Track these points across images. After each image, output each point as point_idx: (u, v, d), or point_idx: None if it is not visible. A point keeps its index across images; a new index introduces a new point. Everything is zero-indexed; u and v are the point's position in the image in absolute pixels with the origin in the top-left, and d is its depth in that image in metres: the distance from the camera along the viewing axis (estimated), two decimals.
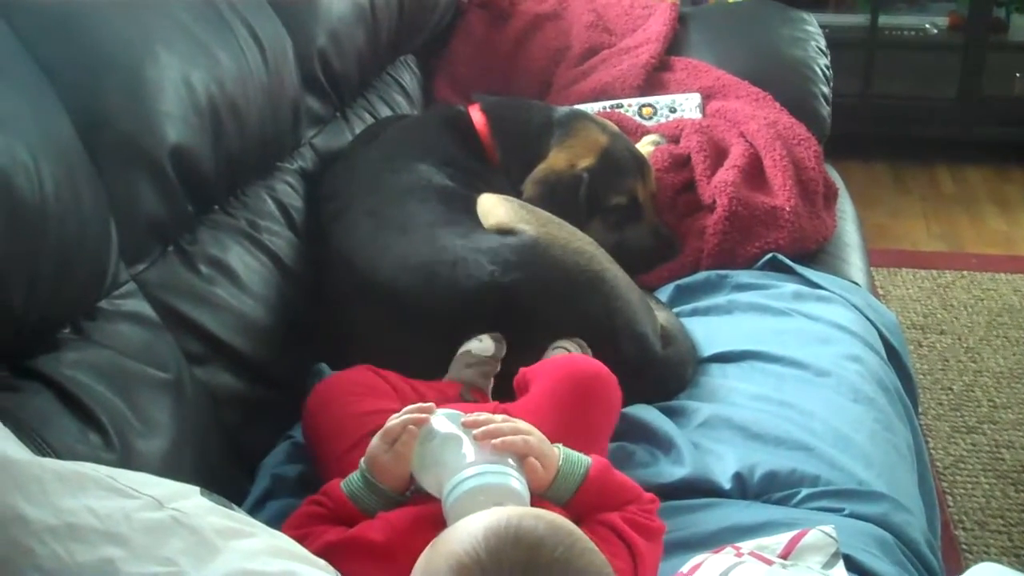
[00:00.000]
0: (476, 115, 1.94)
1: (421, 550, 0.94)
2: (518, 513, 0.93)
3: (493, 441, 1.10)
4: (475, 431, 1.11)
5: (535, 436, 1.13)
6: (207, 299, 1.48)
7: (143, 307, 1.38)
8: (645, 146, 2.05)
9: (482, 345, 1.47)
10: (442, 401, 1.30)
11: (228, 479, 1.36)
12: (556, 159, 1.87)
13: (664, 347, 1.57)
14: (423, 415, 1.14)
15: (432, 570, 0.90)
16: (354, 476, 1.16)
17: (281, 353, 1.55)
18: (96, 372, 1.25)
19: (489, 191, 1.73)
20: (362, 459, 1.16)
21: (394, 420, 1.14)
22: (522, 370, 1.40)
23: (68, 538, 0.82)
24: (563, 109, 2.01)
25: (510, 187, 1.83)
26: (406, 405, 1.19)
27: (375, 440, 1.14)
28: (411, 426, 1.13)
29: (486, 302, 1.50)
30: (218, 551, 0.86)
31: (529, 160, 1.88)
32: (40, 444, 1.14)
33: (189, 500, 0.91)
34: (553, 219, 1.64)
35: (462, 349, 1.48)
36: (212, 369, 1.45)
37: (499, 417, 1.15)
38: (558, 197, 1.80)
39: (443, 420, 1.14)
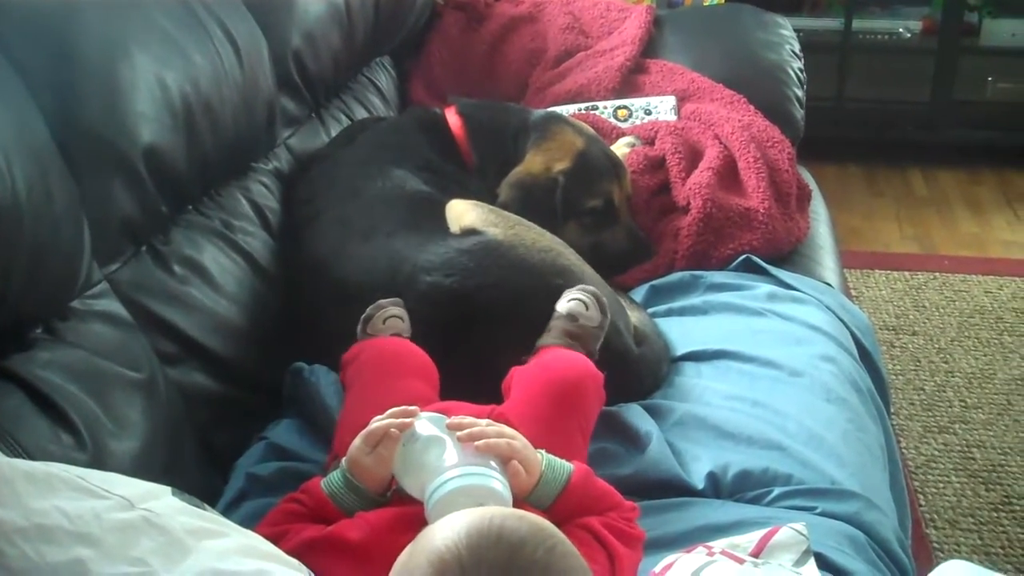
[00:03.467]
0: (452, 118, 1.94)
1: (399, 551, 0.94)
2: (501, 513, 0.92)
3: (476, 443, 1.10)
4: (459, 433, 1.11)
5: (519, 440, 1.13)
6: (180, 299, 1.47)
7: (116, 307, 1.37)
8: (620, 148, 2.06)
9: (403, 324, 1.49)
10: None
11: (201, 479, 1.36)
12: (532, 162, 1.87)
13: (638, 346, 1.57)
14: (407, 419, 1.14)
15: (412, 566, 0.90)
16: (334, 475, 1.16)
17: (255, 353, 1.55)
18: (68, 372, 1.25)
19: (465, 194, 1.73)
20: (343, 459, 1.15)
21: (376, 423, 1.14)
22: (512, 370, 1.41)
23: (38, 539, 0.82)
24: (539, 112, 2.02)
25: (486, 190, 1.83)
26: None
27: (357, 441, 1.14)
28: (393, 429, 1.13)
29: (445, 310, 1.50)
30: (189, 551, 0.86)
31: (505, 163, 1.89)
32: (12, 444, 1.13)
33: (160, 500, 0.91)
34: (522, 221, 1.64)
35: (381, 322, 1.49)
36: (185, 369, 1.44)
37: (483, 421, 1.15)
38: (533, 200, 1.80)
39: (426, 423, 1.14)
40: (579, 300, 1.48)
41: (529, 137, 1.91)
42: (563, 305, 1.48)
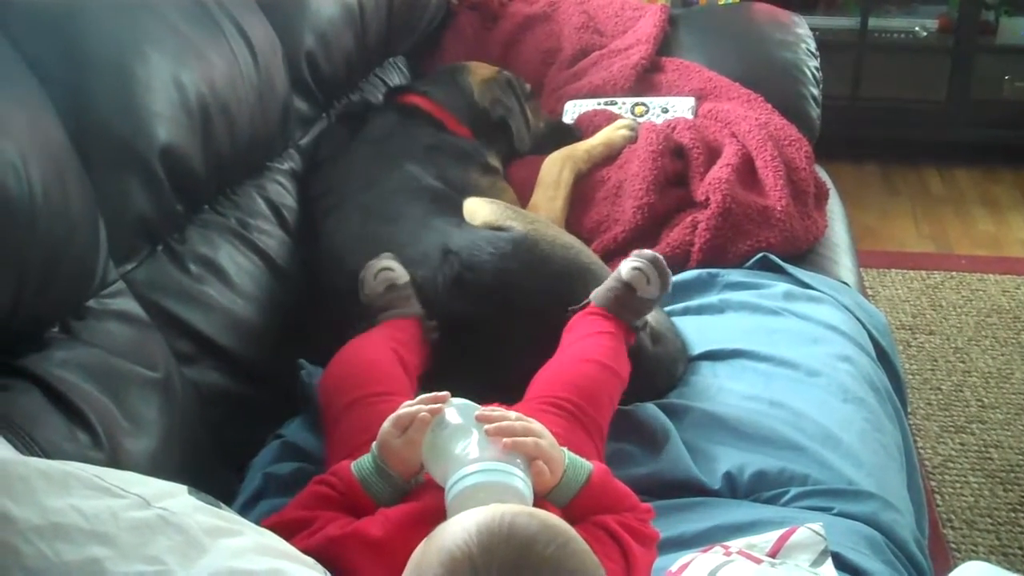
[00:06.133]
0: (422, 102, 2.00)
1: (417, 547, 0.94)
2: (512, 511, 0.92)
3: (504, 440, 1.09)
4: (487, 427, 1.11)
5: (547, 439, 1.13)
6: (196, 298, 1.48)
7: (132, 306, 1.38)
8: (620, 131, 2.07)
9: (395, 273, 1.53)
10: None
11: (217, 478, 1.35)
12: (481, 75, 2.09)
13: (653, 345, 1.57)
14: (437, 405, 1.14)
15: (425, 564, 0.90)
16: (365, 459, 1.15)
17: (271, 352, 1.55)
18: (85, 371, 1.25)
19: (484, 162, 1.87)
20: (373, 443, 1.15)
21: (407, 408, 1.14)
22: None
23: (54, 537, 0.82)
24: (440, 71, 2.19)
25: (495, 150, 2.00)
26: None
27: (387, 425, 1.14)
28: (424, 413, 1.12)
29: (484, 285, 1.52)
30: (205, 550, 0.86)
31: (479, 111, 2.04)
32: (29, 443, 1.14)
33: (176, 499, 0.91)
34: (538, 219, 1.67)
35: (373, 279, 1.53)
36: (201, 368, 1.45)
37: (513, 414, 1.14)
38: (511, 91, 2.08)
39: (455, 412, 1.14)
40: (640, 271, 1.47)
41: (466, 75, 2.09)
42: (627, 271, 1.47)
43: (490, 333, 1.49)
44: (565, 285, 1.54)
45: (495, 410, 1.15)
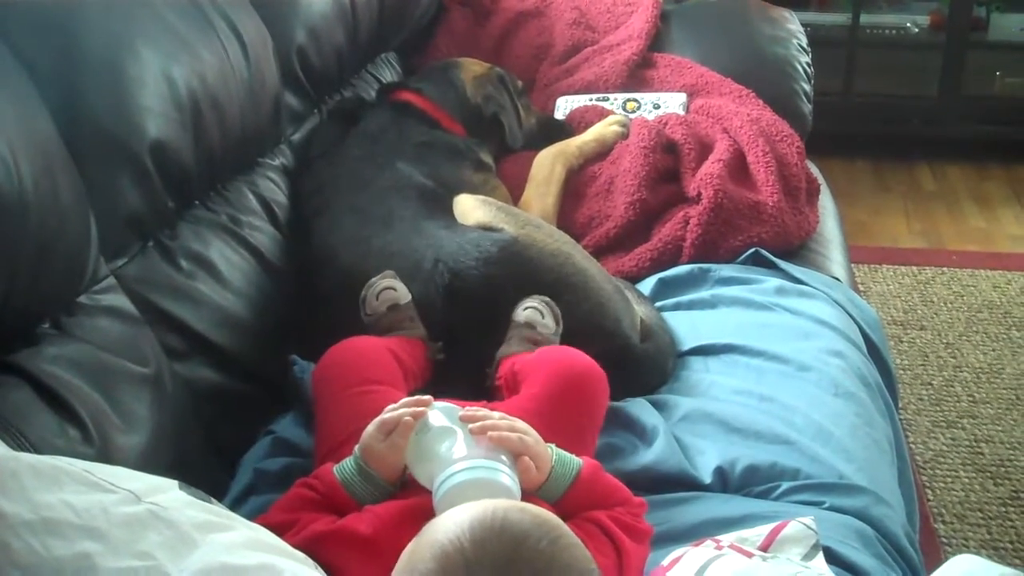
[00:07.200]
0: (417, 99, 1.99)
1: (407, 543, 0.94)
2: (504, 505, 0.92)
3: (490, 434, 1.10)
4: (471, 426, 1.11)
5: (532, 436, 1.13)
6: (187, 294, 1.47)
7: (123, 302, 1.37)
8: (609, 126, 2.07)
9: (397, 293, 1.51)
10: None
11: (207, 474, 1.35)
12: (474, 72, 2.09)
13: (643, 341, 1.57)
14: (420, 408, 1.14)
15: (417, 559, 0.90)
16: (347, 462, 1.15)
17: (261, 348, 1.55)
18: (75, 367, 1.25)
19: (477, 159, 1.86)
20: (356, 446, 1.15)
21: (390, 412, 1.14)
22: (508, 363, 1.40)
23: (45, 532, 0.82)
24: (436, 66, 2.18)
25: (487, 147, 1.99)
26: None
27: (370, 429, 1.14)
28: (407, 418, 1.12)
29: (469, 291, 1.51)
30: (196, 545, 0.86)
31: (471, 107, 2.04)
32: (19, 439, 1.14)
33: (167, 494, 0.91)
34: (531, 220, 1.65)
35: (375, 298, 1.51)
36: (192, 364, 1.44)
37: (496, 414, 1.15)
38: (503, 88, 2.07)
39: (439, 414, 1.14)
40: (535, 308, 1.48)
41: (458, 71, 2.08)
42: (520, 314, 1.48)
43: (477, 339, 1.49)
44: (551, 295, 1.52)
45: (478, 410, 1.15)
